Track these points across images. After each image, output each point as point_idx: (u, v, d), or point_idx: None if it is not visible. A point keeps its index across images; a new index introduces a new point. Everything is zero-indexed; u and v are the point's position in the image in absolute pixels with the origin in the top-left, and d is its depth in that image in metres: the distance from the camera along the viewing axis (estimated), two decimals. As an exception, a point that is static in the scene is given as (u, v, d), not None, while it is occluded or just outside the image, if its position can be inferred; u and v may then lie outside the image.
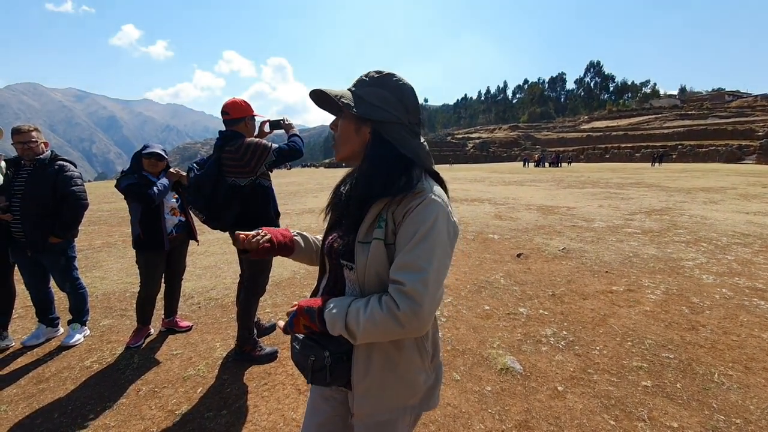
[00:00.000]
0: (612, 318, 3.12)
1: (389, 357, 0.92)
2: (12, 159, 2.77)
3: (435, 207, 0.85)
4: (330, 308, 0.87)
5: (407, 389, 0.94)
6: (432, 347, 0.99)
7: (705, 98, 69.76)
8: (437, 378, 1.01)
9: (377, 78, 0.94)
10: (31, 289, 2.88)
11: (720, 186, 13.43)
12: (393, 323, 0.80)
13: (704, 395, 2.14)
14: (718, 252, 4.97)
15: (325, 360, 0.90)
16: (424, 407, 0.99)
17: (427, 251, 0.81)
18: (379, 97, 0.92)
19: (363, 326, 0.81)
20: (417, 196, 0.86)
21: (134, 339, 2.85)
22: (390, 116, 0.92)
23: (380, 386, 0.92)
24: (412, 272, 0.80)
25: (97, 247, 6.26)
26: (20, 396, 2.26)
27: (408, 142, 0.93)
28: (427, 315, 0.79)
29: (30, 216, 2.63)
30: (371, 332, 0.82)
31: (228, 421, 2.02)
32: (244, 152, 2.30)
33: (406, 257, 0.81)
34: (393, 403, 0.94)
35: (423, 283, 0.79)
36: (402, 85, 0.95)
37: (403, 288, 0.79)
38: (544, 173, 24.99)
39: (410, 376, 0.94)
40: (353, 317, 0.83)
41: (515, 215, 8.22)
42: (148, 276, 2.84)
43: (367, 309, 0.83)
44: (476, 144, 71.56)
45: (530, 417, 2.00)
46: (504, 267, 4.56)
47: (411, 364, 0.94)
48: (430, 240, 0.82)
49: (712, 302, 3.40)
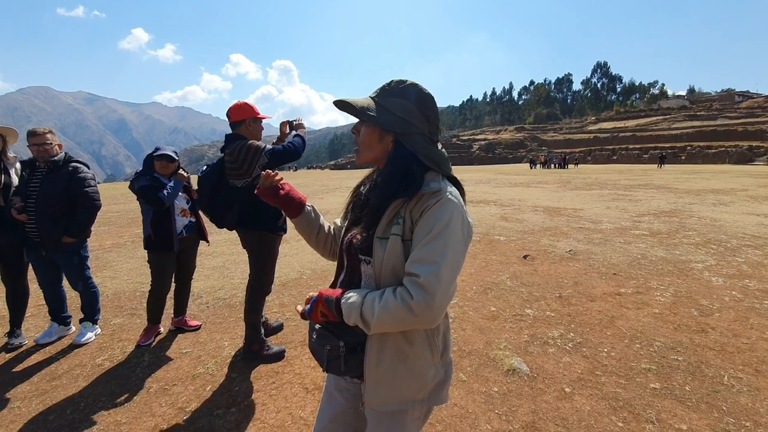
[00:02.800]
0: (620, 320, 3.11)
1: (400, 349, 0.96)
2: (27, 161, 2.84)
3: (450, 206, 0.89)
4: (347, 298, 0.91)
5: (416, 382, 0.97)
6: (442, 344, 1.02)
7: (714, 99, 68.90)
8: (447, 374, 1.04)
9: (401, 88, 0.99)
10: (45, 288, 2.94)
11: (730, 187, 13.26)
12: (406, 312, 0.83)
13: (714, 398, 2.12)
14: (728, 254, 4.91)
15: (339, 350, 0.95)
16: (433, 402, 1.02)
17: (441, 246, 0.85)
18: (402, 109, 0.96)
19: (377, 315, 0.85)
20: (434, 195, 0.91)
21: (144, 337, 2.89)
22: (412, 128, 0.97)
23: (391, 377, 0.96)
24: (426, 265, 0.84)
25: (108, 247, 6.35)
26: (34, 393, 2.31)
27: (427, 150, 0.98)
28: (439, 306, 0.83)
29: (45, 216, 2.69)
30: (385, 321, 0.86)
31: (237, 419, 2.04)
32: (237, 155, 2.33)
33: (422, 252, 0.86)
34: (402, 394, 0.97)
35: (436, 275, 0.83)
36: (425, 95, 0.99)
37: (418, 279, 0.83)
38: (550, 174, 24.86)
39: (420, 369, 0.97)
40: (368, 307, 0.87)
41: (521, 217, 8.19)
42: (158, 275, 2.88)
43: (382, 299, 0.87)
44: (482, 146, 71.33)
45: (537, 418, 2.00)
46: (510, 268, 4.55)
47: (421, 357, 0.97)
48: (445, 236, 0.86)
49: (722, 305, 3.36)
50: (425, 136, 0.99)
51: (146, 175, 2.80)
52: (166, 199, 2.73)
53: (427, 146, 0.98)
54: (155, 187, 2.73)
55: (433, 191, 0.91)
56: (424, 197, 0.91)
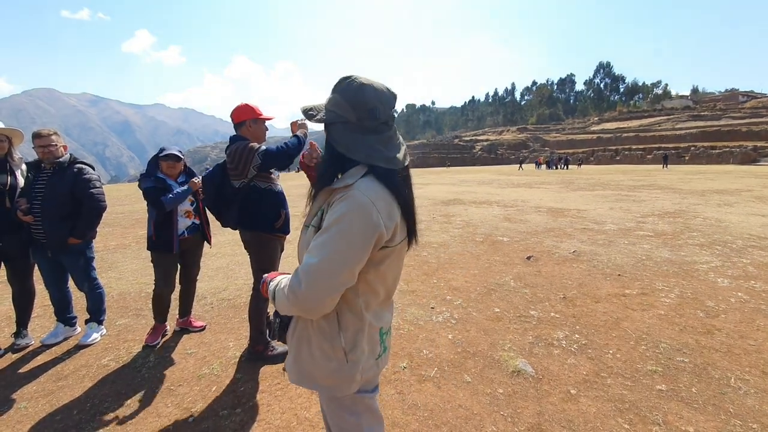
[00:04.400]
0: (625, 321, 3.09)
1: (305, 334, 1.06)
2: (32, 162, 2.86)
3: (350, 203, 0.90)
4: (273, 281, 1.06)
5: (318, 369, 1.03)
6: (350, 343, 1.02)
7: (718, 99, 68.55)
8: (351, 373, 1.03)
9: (335, 85, 1.02)
10: (51, 288, 2.95)
11: (734, 188, 13.18)
12: (287, 297, 0.94)
13: (720, 400, 2.11)
14: (734, 255, 4.88)
15: (274, 324, 1.14)
16: (336, 392, 1.05)
17: (326, 241, 0.90)
18: (332, 102, 1.01)
19: (277, 297, 0.99)
20: (343, 190, 0.95)
21: (152, 337, 2.90)
22: (334, 117, 1.00)
23: (298, 356, 1.07)
24: (309, 256, 0.91)
25: (112, 248, 6.38)
26: (40, 393, 2.32)
27: (346, 138, 0.98)
28: (306, 296, 0.90)
29: (50, 217, 2.71)
30: (280, 303, 0.98)
31: (242, 420, 2.05)
32: (233, 156, 2.38)
33: (313, 243, 0.93)
34: (307, 375, 1.06)
35: (310, 266, 0.90)
36: (347, 83, 0.98)
37: (298, 268, 0.94)
38: (552, 175, 24.79)
39: (319, 358, 1.03)
40: (273, 288, 1.02)
41: (524, 218, 8.17)
42: (160, 275, 2.90)
43: (279, 283, 1.01)
44: (484, 146, 71.24)
45: (543, 420, 1.99)
46: (514, 269, 4.54)
47: (320, 347, 1.03)
48: (332, 232, 0.90)
49: (728, 306, 3.34)
50: (351, 124, 0.98)
51: (151, 176, 2.82)
52: (166, 204, 2.74)
53: (349, 134, 0.98)
54: (158, 190, 2.75)
55: (344, 185, 0.95)
56: (336, 191, 0.96)
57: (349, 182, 0.94)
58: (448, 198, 12.45)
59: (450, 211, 9.50)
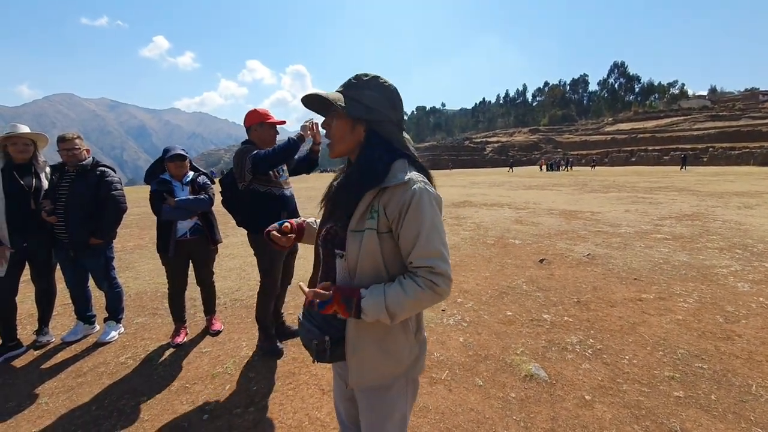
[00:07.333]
0: (642, 326, 3.03)
1: (377, 336, 1.04)
2: (57, 165, 2.95)
3: (421, 194, 0.96)
4: (366, 298, 0.97)
5: (393, 361, 1.06)
6: (416, 324, 1.12)
7: (737, 98, 66.67)
8: (421, 350, 1.13)
9: (367, 81, 1.04)
10: (72, 288, 3.04)
11: (755, 190, 12.78)
12: (435, 297, 0.97)
13: (741, 408, 2.05)
14: (754, 259, 4.74)
15: (326, 344, 1.04)
16: (411, 374, 1.11)
17: (435, 236, 0.96)
18: (369, 98, 1.02)
19: (407, 307, 0.96)
20: (406, 187, 0.96)
21: (176, 337, 2.96)
22: (382, 116, 1.04)
23: (369, 360, 1.05)
24: (435, 257, 0.95)
25: (130, 249, 6.53)
26: (60, 389, 2.39)
27: (397, 137, 1.06)
28: (449, 284, 0.98)
29: (73, 218, 2.79)
30: (413, 309, 0.98)
31: (255, 418, 2.07)
32: (234, 161, 2.51)
33: (426, 248, 0.95)
34: (381, 373, 1.06)
35: (444, 260, 0.97)
36: (388, 86, 1.06)
37: (435, 270, 0.95)
38: (565, 177, 24.43)
39: (396, 350, 1.06)
40: (392, 302, 0.95)
41: (537, 220, 8.08)
42: (168, 276, 2.99)
43: (407, 292, 0.95)
44: (495, 148, 70.64)
45: (557, 425, 1.97)
46: (526, 272, 4.49)
47: (396, 341, 1.06)
48: (431, 225, 0.96)
49: (749, 311, 3.24)
50: (394, 124, 1.06)
51: (155, 178, 2.89)
52: (163, 214, 2.80)
53: (396, 133, 1.06)
54: (161, 194, 2.82)
55: (402, 182, 0.96)
56: (397, 191, 0.97)
57: (404, 178, 0.97)
58: (458, 200, 12.38)
59: (460, 213, 9.45)
